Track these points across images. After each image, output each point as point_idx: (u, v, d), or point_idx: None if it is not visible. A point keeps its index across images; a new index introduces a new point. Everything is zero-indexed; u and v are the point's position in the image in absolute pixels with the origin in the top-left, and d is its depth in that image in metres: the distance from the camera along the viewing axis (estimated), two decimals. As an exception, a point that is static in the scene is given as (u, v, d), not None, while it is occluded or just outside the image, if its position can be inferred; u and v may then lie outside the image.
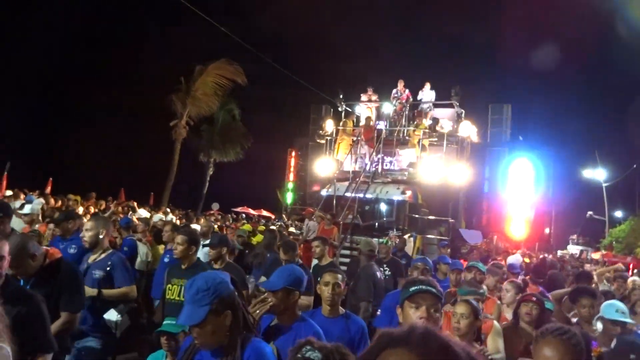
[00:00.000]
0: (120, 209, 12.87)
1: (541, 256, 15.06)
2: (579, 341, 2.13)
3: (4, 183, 13.30)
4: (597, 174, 30.91)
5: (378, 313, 4.48)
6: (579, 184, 35.38)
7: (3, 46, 28.07)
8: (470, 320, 3.27)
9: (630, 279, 8.83)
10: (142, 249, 7.41)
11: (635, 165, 28.86)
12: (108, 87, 30.52)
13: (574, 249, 30.87)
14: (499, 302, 4.98)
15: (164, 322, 3.49)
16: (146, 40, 31.08)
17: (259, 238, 10.96)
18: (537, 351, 2.17)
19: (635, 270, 15.22)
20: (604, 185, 30.25)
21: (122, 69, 30.18)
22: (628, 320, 3.88)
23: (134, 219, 11.18)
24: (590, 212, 31.78)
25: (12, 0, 29.40)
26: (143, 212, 12.83)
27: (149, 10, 29.80)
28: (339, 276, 3.52)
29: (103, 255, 4.27)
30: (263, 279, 5.06)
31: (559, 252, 30.94)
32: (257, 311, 2.77)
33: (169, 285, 4.43)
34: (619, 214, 33.44)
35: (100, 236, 4.26)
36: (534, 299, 4.01)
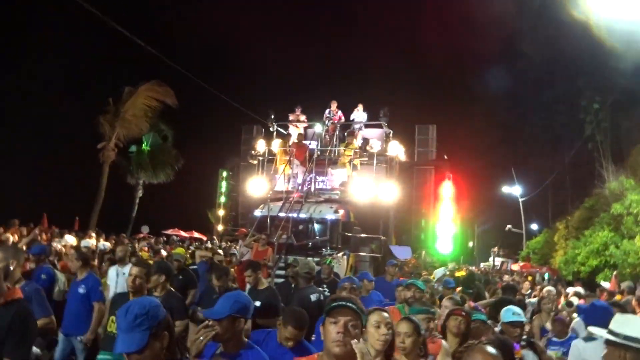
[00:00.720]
0: (44, 236, 12.25)
1: (469, 269, 15.85)
2: (501, 346, 2.38)
3: None
4: (514, 190, 32.86)
5: (313, 338, 4.41)
6: (499, 200, 37.52)
7: None
8: (414, 339, 3.31)
9: (545, 289, 9.58)
10: (61, 278, 6.89)
11: (547, 181, 31.02)
12: (29, 107, 29.02)
13: (495, 261, 32.56)
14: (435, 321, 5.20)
15: (98, 357, 3.37)
16: (71, 60, 29.87)
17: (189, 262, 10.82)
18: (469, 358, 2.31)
19: (549, 280, 16.38)
20: (521, 200, 32.19)
21: (45, 89, 28.81)
22: (523, 319, 4.37)
23: (60, 245, 10.75)
24: (509, 226, 33.73)
25: None
26: (69, 238, 12.31)
27: (74, 29, 28.73)
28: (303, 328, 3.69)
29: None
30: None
31: (482, 264, 32.58)
32: (201, 338, 2.66)
33: (113, 317, 4.19)
34: (534, 226, 35.66)
35: (11, 267, 3.91)
36: (463, 313, 4.18)
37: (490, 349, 2.19)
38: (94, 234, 15.25)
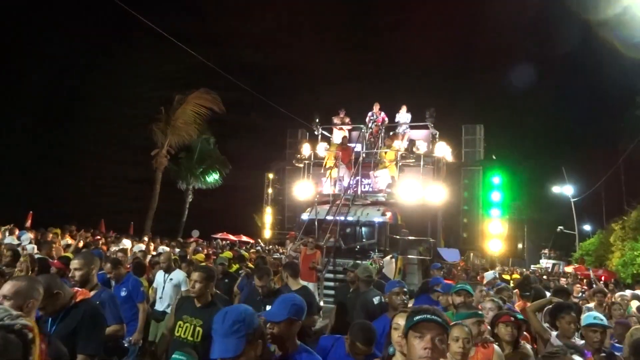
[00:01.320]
0: (103, 240, 12.84)
1: (525, 272, 15.49)
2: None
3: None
4: (565, 189, 31.85)
5: None
6: (549, 200, 36.42)
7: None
8: (472, 343, 3.29)
9: (618, 294, 9.30)
10: None
11: (601, 181, 29.91)
12: (85, 117, 30.36)
13: (546, 263, 31.60)
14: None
15: (173, 357, 3.44)
16: (122, 72, 31.10)
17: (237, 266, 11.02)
18: None
19: (606, 282, 15.81)
20: (572, 200, 31.16)
21: (97, 99, 30.11)
22: (606, 323, 4.22)
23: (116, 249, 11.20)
24: (560, 227, 32.69)
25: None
26: (127, 242, 12.86)
27: (126, 40, 29.95)
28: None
29: (92, 293, 3.97)
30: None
31: (532, 267, 31.64)
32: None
33: (180, 322, 4.26)
34: (587, 227, 34.42)
35: (93, 272, 4.11)
36: (512, 319, 4.07)
37: (578, 358, 2.17)
38: (146, 239, 15.87)
